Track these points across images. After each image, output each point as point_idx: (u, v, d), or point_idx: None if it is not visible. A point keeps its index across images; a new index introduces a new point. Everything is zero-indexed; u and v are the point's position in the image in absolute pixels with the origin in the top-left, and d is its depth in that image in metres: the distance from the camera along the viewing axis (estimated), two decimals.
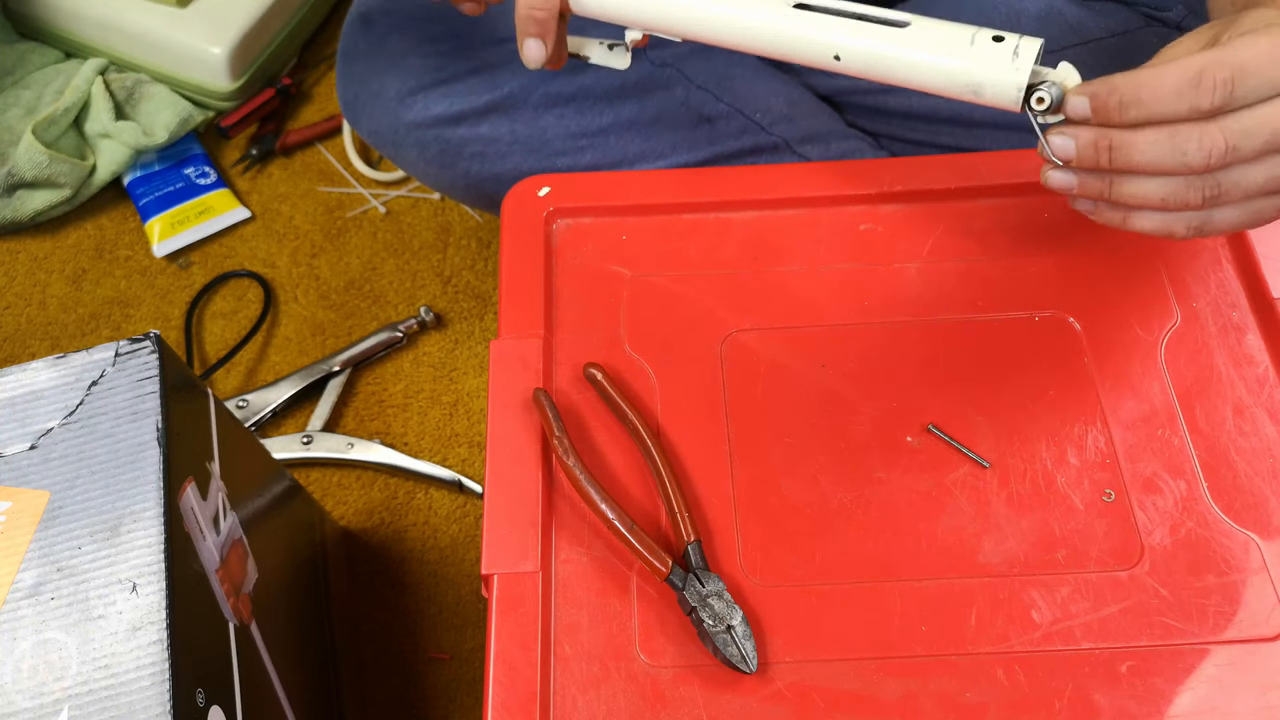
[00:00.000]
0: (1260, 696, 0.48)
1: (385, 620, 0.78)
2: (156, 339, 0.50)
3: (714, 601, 0.50)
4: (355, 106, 0.78)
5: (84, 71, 1.01)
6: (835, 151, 0.76)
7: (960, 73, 0.47)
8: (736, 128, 0.75)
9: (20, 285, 0.97)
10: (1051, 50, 0.75)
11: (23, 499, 0.46)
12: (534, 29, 0.52)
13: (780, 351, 0.59)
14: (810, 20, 0.50)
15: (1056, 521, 0.53)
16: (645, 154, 0.75)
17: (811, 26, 0.50)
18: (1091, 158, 0.46)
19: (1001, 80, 0.46)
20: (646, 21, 0.53)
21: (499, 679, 0.49)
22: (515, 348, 0.59)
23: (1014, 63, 0.46)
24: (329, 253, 0.97)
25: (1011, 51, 0.46)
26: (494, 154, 0.75)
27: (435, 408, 0.88)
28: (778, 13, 0.50)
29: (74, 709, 0.42)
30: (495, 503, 0.54)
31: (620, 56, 0.56)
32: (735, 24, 0.51)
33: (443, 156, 0.76)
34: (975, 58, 0.47)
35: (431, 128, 0.75)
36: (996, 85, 0.46)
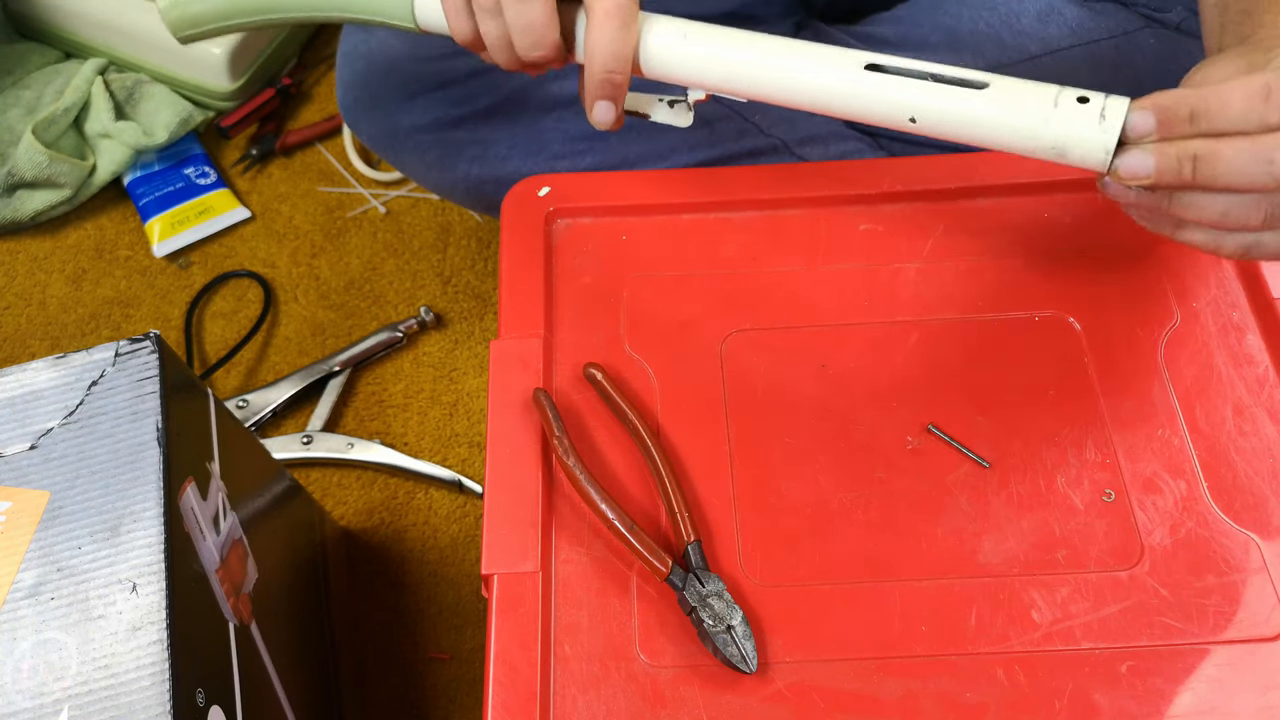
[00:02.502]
0: (1260, 696, 0.48)
1: (385, 620, 0.78)
2: (156, 339, 0.50)
3: (714, 601, 0.50)
4: (355, 110, 0.78)
5: (84, 71, 1.01)
6: (835, 152, 0.76)
7: (1046, 136, 0.45)
8: (735, 130, 0.75)
9: (20, 285, 0.97)
10: (1051, 51, 0.75)
11: (23, 499, 0.46)
12: (609, 92, 0.50)
13: (780, 351, 0.59)
14: (884, 82, 0.48)
15: (1056, 521, 0.53)
16: (644, 156, 0.75)
17: (885, 88, 0.48)
18: (1174, 171, 0.43)
19: (1091, 143, 0.44)
20: (716, 84, 0.51)
21: (499, 679, 0.49)
22: (515, 348, 0.59)
23: (1101, 125, 0.44)
24: (329, 253, 0.97)
25: (1099, 113, 0.44)
26: (493, 157, 0.75)
27: (435, 408, 0.88)
28: (850, 74, 0.48)
29: (74, 709, 0.42)
30: (495, 503, 0.54)
31: (683, 115, 0.55)
32: (806, 86, 0.49)
33: (442, 160, 0.76)
34: (1061, 120, 0.45)
35: (430, 131, 0.75)
36: (1084, 148, 0.45)
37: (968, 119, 0.46)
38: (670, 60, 0.51)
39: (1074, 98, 0.45)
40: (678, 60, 0.51)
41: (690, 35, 0.51)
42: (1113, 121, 0.44)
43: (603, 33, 0.48)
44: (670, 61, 0.51)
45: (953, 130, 0.47)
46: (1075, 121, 0.45)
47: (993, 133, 0.46)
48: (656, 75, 0.52)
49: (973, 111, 0.46)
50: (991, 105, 0.46)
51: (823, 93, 0.49)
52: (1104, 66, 0.73)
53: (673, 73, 0.52)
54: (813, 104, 0.50)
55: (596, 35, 0.48)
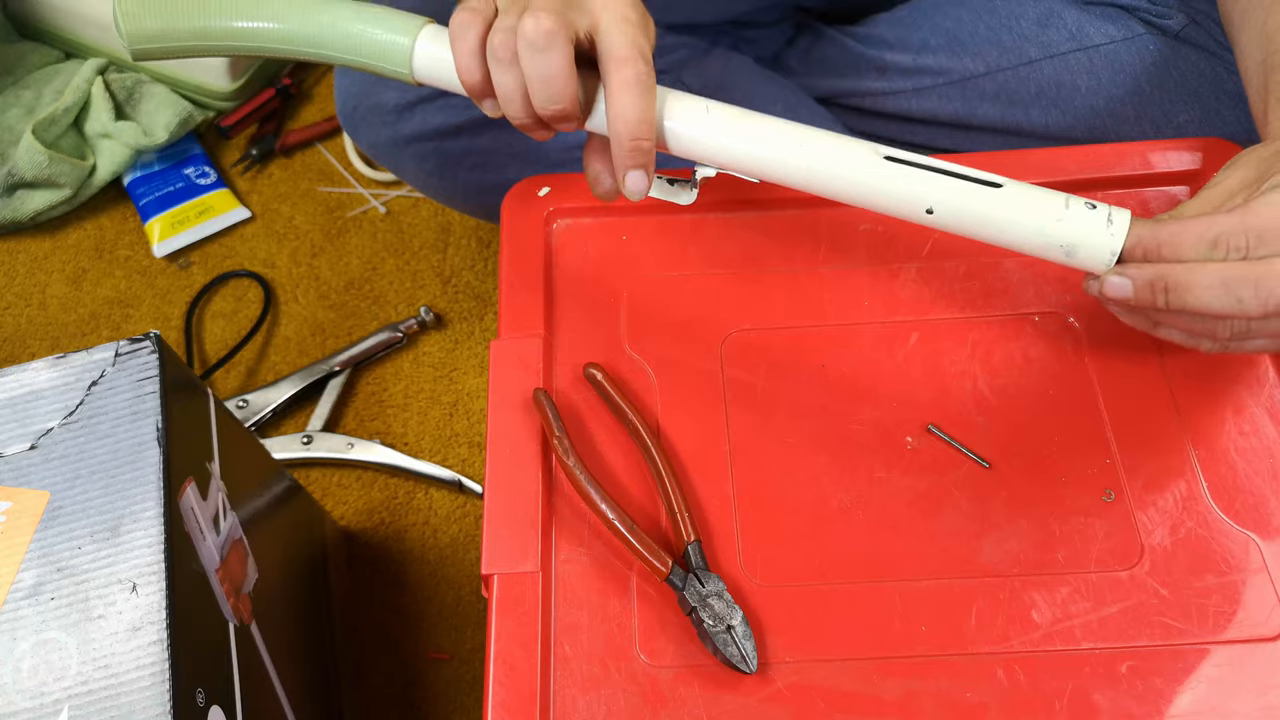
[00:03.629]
0: (1260, 696, 0.48)
1: (385, 620, 0.78)
2: (156, 339, 0.50)
3: (714, 601, 0.50)
4: (354, 119, 0.78)
5: (84, 71, 1.01)
6: None
7: (1055, 237, 0.48)
8: None
9: (20, 285, 0.97)
10: (1050, 55, 0.75)
11: (23, 499, 0.46)
12: (639, 160, 0.49)
13: (780, 351, 0.59)
14: (902, 174, 0.49)
15: (1056, 521, 0.53)
16: None
17: (903, 180, 0.49)
18: (1149, 297, 0.47)
19: (1098, 246, 0.48)
20: (733, 165, 0.51)
21: (499, 679, 0.49)
22: (515, 348, 0.59)
23: (1109, 229, 0.47)
24: (329, 253, 0.97)
25: (1106, 219, 0.47)
26: (493, 165, 0.75)
27: (435, 408, 0.88)
28: (869, 165, 0.49)
29: (74, 709, 0.42)
30: (495, 503, 0.54)
31: (685, 193, 0.54)
32: (824, 174, 0.50)
33: (441, 168, 0.76)
34: (1071, 224, 0.48)
35: (430, 140, 0.75)
36: (1091, 250, 0.48)
37: (982, 218, 0.49)
38: (689, 137, 0.51)
39: (1083, 204, 0.48)
40: (696, 138, 0.51)
41: (712, 112, 0.51)
42: (1119, 227, 0.47)
43: (627, 99, 0.47)
44: (688, 138, 0.51)
45: (968, 226, 0.49)
46: (1084, 226, 0.48)
47: (1006, 231, 0.49)
48: (674, 150, 0.52)
49: (987, 211, 0.48)
50: (1005, 205, 0.48)
51: (842, 183, 0.50)
52: (1103, 71, 0.73)
53: (689, 149, 0.51)
54: (830, 190, 0.50)
55: (621, 102, 0.47)
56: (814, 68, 0.81)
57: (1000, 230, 0.49)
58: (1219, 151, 0.64)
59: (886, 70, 0.78)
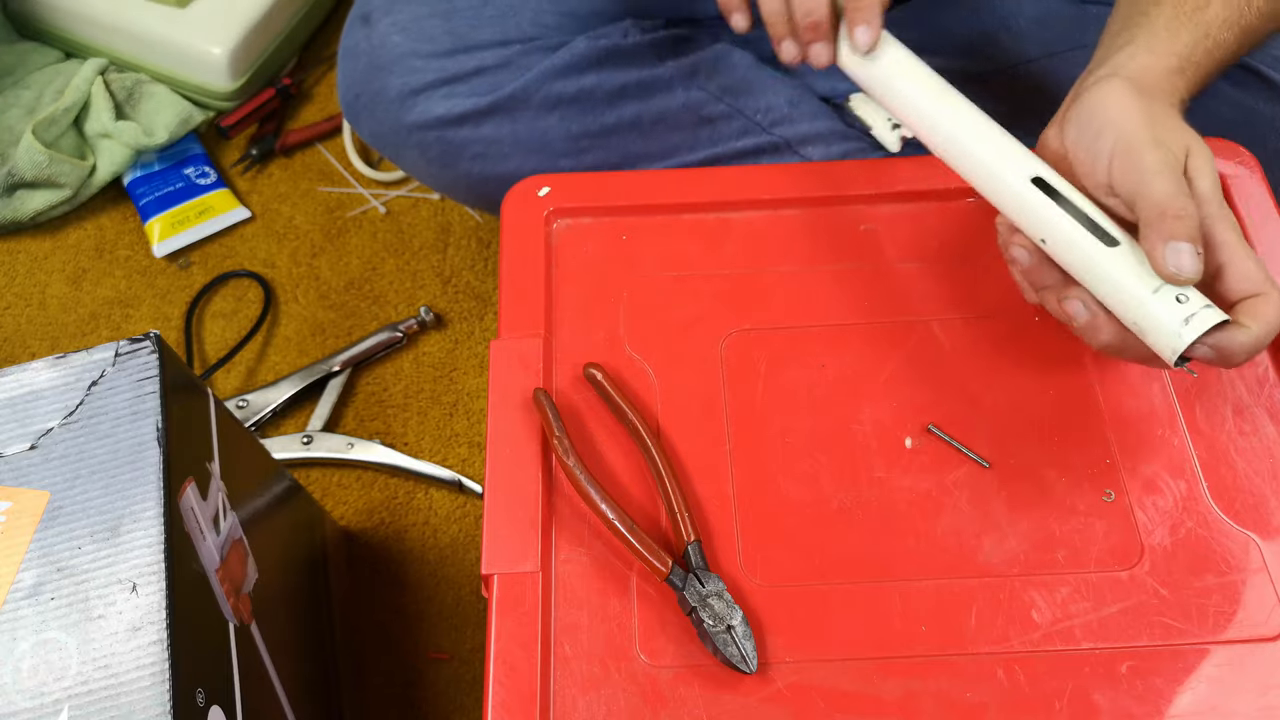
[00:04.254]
0: (1260, 696, 0.48)
1: (385, 620, 0.78)
2: (156, 339, 0.50)
3: (714, 601, 0.50)
4: (356, 107, 0.78)
5: (84, 71, 1.01)
6: (836, 152, 0.76)
7: (1135, 308, 0.48)
8: (738, 128, 0.75)
9: (20, 285, 0.97)
10: (1049, 54, 0.74)
11: (23, 499, 0.46)
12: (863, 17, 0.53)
13: (780, 351, 0.59)
14: (1037, 198, 0.50)
15: (1056, 521, 0.53)
16: (647, 155, 0.75)
17: (1036, 204, 0.50)
18: None
19: (1164, 334, 0.47)
20: (908, 121, 0.55)
21: (499, 679, 0.49)
22: (515, 348, 0.59)
23: (1183, 328, 0.46)
24: (329, 253, 0.97)
25: (1184, 318, 0.46)
26: (495, 155, 0.75)
27: (435, 408, 0.88)
28: (1014, 179, 0.51)
29: (74, 709, 0.42)
30: (495, 503, 0.54)
31: (894, 141, 0.58)
32: (977, 168, 0.53)
33: (444, 157, 0.76)
34: (1154, 303, 0.47)
35: (433, 129, 0.75)
36: (1159, 335, 0.47)
37: (1086, 265, 0.49)
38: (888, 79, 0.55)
39: (1175, 294, 0.47)
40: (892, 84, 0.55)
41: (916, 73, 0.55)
42: (1193, 330, 0.46)
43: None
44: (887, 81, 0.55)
45: (1071, 266, 0.50)
46: (1163, 311, 0.47)
47: (1099, 285, 0.49)
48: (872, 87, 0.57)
49: (1094, 261, 0.49)
50: (1110, 262, 0.48)
51: (987, 181, 0.52)
52: None
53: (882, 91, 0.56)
54: (975, 183, 0.53)
55: None
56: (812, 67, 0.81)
57: (1095, 283, 0.49)
58: (1224, 152, 0.64)
59: None
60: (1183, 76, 0.53)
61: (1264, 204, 0.61)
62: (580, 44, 0.73)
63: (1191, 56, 0.54)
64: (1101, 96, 0.51)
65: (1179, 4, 0.54)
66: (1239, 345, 0.46)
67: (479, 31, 0.75)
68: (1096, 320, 0.50)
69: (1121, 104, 0.50)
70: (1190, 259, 0.46)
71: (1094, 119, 0.50)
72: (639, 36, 0.74)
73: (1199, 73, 0.54)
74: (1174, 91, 0.53)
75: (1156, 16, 0.54)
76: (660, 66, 0.74)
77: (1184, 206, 0.46)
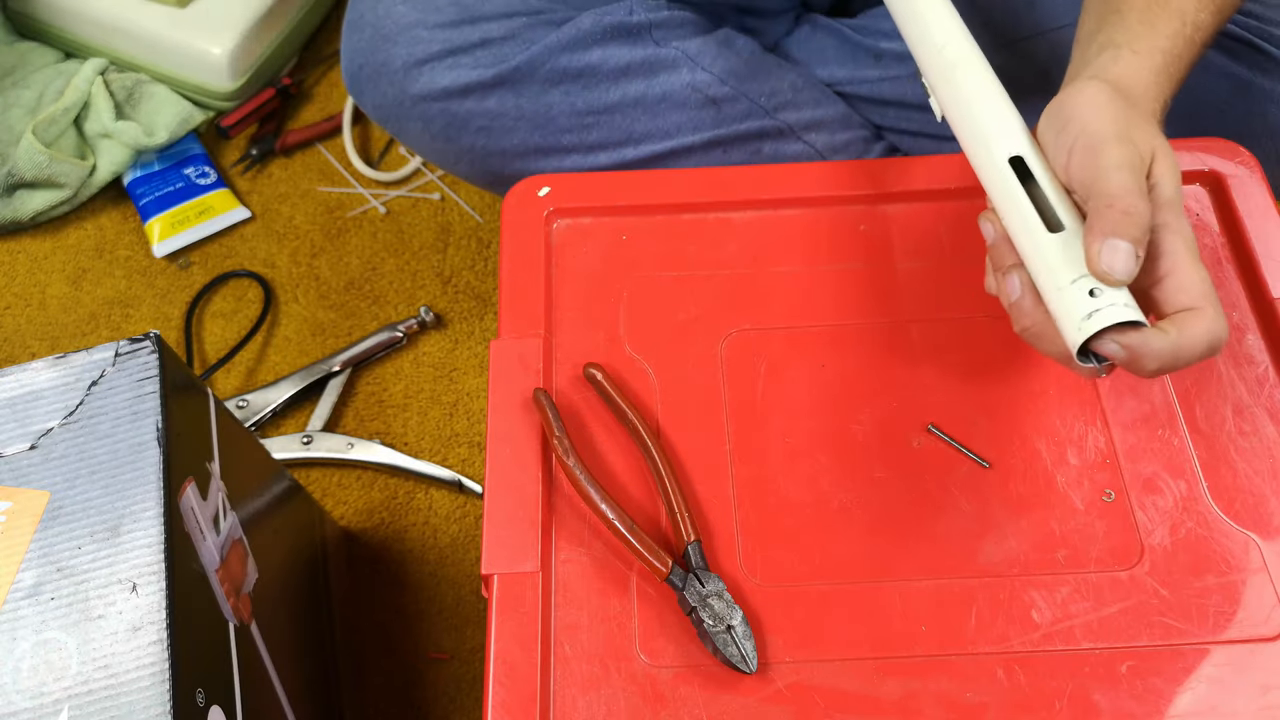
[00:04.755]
0: (1260, 696, 0.48)
1: (385, 620, 0.78)
2: (156, 339, 0.50)
3: (714, 601, 0.50)
4: (360, 79, 0.77)
5: (84, 71, 1.01)
6: (840, 139, 0.76)
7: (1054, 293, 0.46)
8: (742, 111, 0.75)
9: (20, 285, 0.97)
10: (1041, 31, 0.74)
11: (23, 499, 0.46)
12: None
13: (780, 351, 0.59)
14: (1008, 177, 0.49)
15: (1056, 521, 0.53)
16: (651, 133, 0.74)
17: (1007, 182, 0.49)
18: None
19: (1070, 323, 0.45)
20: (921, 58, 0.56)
21: (499, 679, 0.49)
22: (515, 348, 0.59)
23: (1085, 321, 0.44)
24: (329, 253, 0.97)
25: (1090, 310, 0.44)
26: (499, 129, 0.75)
27: (435, 408, 0.88)
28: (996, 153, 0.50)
29: (74, 709, 0.42)
30: (495, 503, 0.54)
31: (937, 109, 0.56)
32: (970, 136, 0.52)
33: (447, 130, 0.75)
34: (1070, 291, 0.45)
35: (437, 100, 0.74)
36: (1067, 324, 0.45)
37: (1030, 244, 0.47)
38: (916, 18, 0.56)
39: (1089, 287, 0.44)
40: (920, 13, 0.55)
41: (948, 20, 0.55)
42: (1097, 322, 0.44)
43: None
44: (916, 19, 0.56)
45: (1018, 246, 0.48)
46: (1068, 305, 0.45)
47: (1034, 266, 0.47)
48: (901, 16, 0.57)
49: (1036, 241, 0.47)
50: (1051, 246, 0.46)
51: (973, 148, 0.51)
52: None
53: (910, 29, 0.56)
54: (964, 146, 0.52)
55: None
56: (814, 56, 0.81)
57: (1031, 266, 0.47)
58: (1223, 152, 0.64)
59: (882, 57, 0.78)
60: (1166, 76, 0.52)
61: (1263, 203, 0.61)
62: (586, 19, 0.73)
63: (1173, 50, 0.52)
64: (1076, 93, 0.49)
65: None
66: (1152, 350, 0.43)
67: (485, 3, 0.75)
68: (1024, 301, 0.47)
69: (1094, 101, 0.48)
70: (1125, 259, 0.43)
71: (1063, 111, 0.49)
72: (644, 14, 0.74)
73: (1181, 65, 0.53)
74: (1158, 96, 0.51)
75: (1129, 11, 0.53)
76: (665, 46, 0.74)
77: (1134, 205, 0.44)
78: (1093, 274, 0.44)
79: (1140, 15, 0.52)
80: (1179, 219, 0.46)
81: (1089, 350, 0.44)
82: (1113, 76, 0.50)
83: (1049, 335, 0.47)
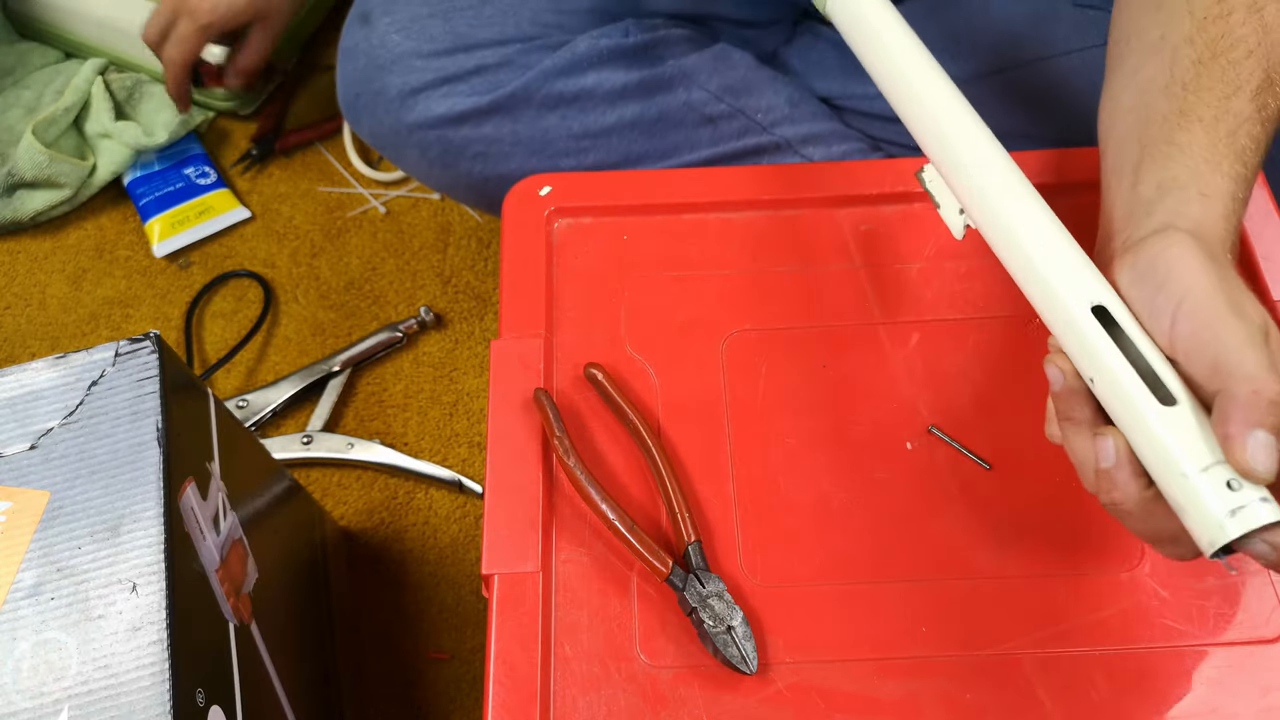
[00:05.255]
0: (1261, 698, 0.48)
1: (385, 620, 0.78)
2: (156, 339, 0.50)
3: (714, 602, 0.50)
4: (356, 107, 0.78)
5: (84, 71, 1.01)
6: (836, 152, 0.76)
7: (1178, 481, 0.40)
8: (739, 128, 0.75)
9: (20, 285, 0.97)
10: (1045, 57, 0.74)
11: (23, 499, 0.46)
12: None
13: (780, 351, 0.59)
14: (1094, 330, 0.43)
15: (1057, 523, 0.53)
16: (648, 154, 0.75)
17: (1092, 337, 0.43)
18: None
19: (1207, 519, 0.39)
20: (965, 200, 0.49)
21: (499, 679, 0.49)
22: (516, 347, 0.59)
23: (1228, 519, 0.38)
24: (329, 253, 0.97)
25: (1233, 508, 0.38)
26: (496, 155, 0.75)
27: (435, 408, 0.88)
28: (1073, 302, 0.44)
29: (74, 709, 0.41)
30: (495, 502, 0.54)
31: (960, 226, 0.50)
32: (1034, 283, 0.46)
33: (444, 157, 0.76)
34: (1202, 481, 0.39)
35: (433, 128, 0.75)
36: (1200, 518, 0.39)
37: (1136, 418, 0.41)
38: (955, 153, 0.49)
39: (1226, 479, 0.39)
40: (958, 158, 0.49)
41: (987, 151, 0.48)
42: (1242, 523, 0.38)
43: None
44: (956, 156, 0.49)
45: (1115, 414, 0.42)
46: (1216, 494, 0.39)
47: (1145, 445, 0.41)
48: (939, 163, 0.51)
49: (1146, 416, 0.41)
50: (1168, 425, 0.40)
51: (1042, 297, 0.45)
52: (1099, 74, 0.73)
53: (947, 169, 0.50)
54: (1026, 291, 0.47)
55: None
56: (813, 69, 0.81)
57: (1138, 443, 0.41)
58: None
59: None
60: (1233, 221, 0.46)
61: (1264, 206, 0.61)
62: (581, 43, 0.73)
63: (1238, 194, 0.46)
64: (1165, 249, 0.43)
65: (1209, 128, 0.46)
66: None
67: (479, 30, 0.75)
68: (1120, 474, 0.42)
69: (1189, 262, 0.42)
70: (1268, 456, 0.38)
71: (1156, 270, 0.43)
72: (639, 36, 0.74)
73: (1242, 209, 0.47)
74: (1232, 246, 0.45)
75: (1190, 147, 0.46)
76: (661, 66, 0.74)
77: (1276, 391, 0.38)
78: (1234, 466, 0.39)
79: (1205, 154, 0.46)
80: None
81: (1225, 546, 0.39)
82: (1189, 225, 0.44)
83: (1157, 516, 0.42)
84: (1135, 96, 0.50)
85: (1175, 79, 0.48)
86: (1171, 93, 0.48)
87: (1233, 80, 0.47)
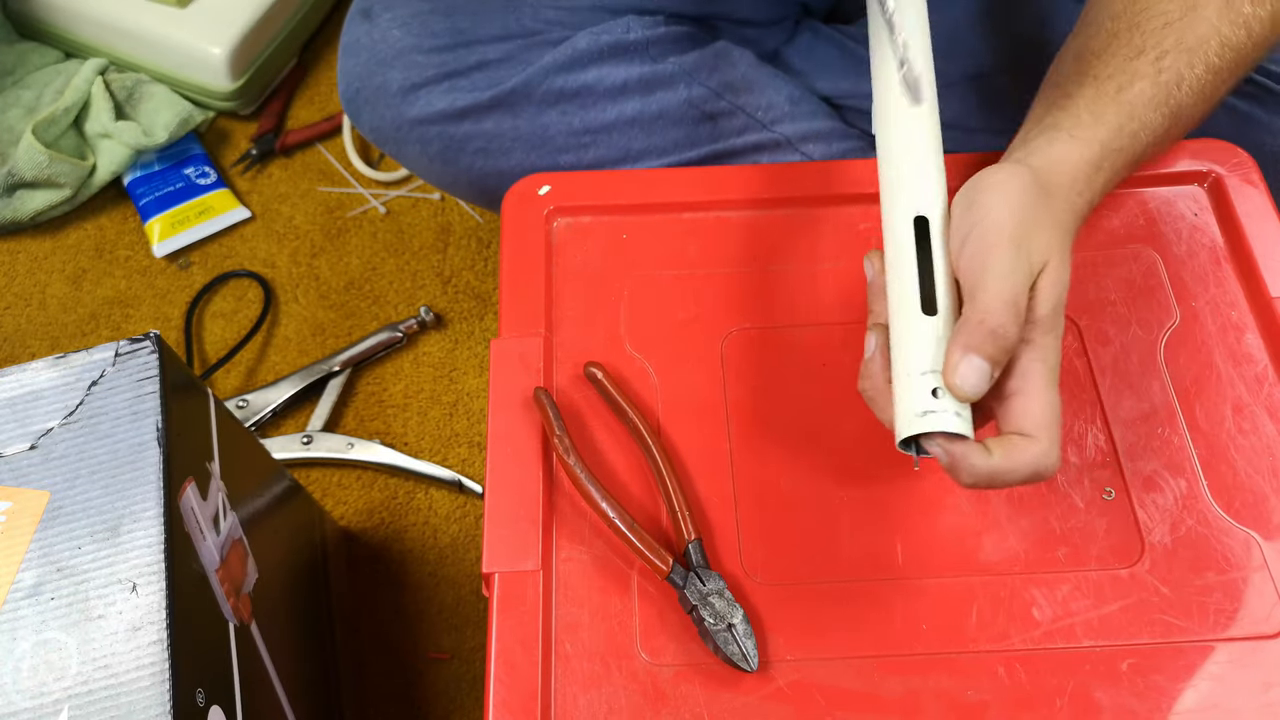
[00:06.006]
0: (1261, 694, 0.48)
1: (385, 620, 0.78)
2: (156, 339, 0.50)
3: (715, 600, 0.50)
4: (356, 102, 0.78)
5: (84, 71, 1.01)
6: (836, 150, 0.76)
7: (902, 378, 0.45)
8: (739, 125, 0.75)
9: (20, 285, 0.97)
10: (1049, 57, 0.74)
11: (23, 499, 0.46)
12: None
13: (780, 351, 0.59)
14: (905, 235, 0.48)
15: (1057, 519, 0.53)
16: (648, 151, 0.75)
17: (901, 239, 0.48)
18: None
19: (903, 415, 0.45)
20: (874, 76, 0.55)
21: (500, 677, 0.49)
22: (516, 347, 0.59)
23: (916, 418, 0.44)
24: (329, 253, 0.97)
25: (924, 410, 0.44)
26: (497, 150, 0.75)
27: (435, 408, 0.88)
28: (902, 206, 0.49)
29: (74, 709, 0.41)
30: (496, 501, 0.54)
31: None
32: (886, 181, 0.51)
33: (445, 153, 0.76)
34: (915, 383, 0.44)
35: (434, 124, 0.75)
36: (901, 413, 0.45)
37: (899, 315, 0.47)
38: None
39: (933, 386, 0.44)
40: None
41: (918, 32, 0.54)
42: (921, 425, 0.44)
43: None
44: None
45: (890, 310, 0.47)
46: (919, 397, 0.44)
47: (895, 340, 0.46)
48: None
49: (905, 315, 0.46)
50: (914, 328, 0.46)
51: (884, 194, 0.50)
52: None
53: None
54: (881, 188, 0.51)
55: None
56: (815, 68, 0.81)
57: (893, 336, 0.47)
58: (1221, 153, 0.64)
59: None
60: (1100, 171, 0.50)
61: (1262, 204, 0.61)
62: (582, 39, 0.73)
63: (1113, 143, 0.51)
64: (993, 174, 0.48)
65: (1101, 83, 0.52)
66: (971, 466, 0.43)
67: (480, 26, 0.75)
68: (873, 364, 0.47)
69: (1006, 188, 0.47)
70: (978, 378, 0.43)
71: (975, 190, 0.47)
72: (640, 32, 0.74)
73: (1122, 159, 0.51)
74: (1086, 188, 0.50)
75: (1079, 97, 0.52)
76: (662, 63, 0.74)
77: (1004, 325, 0.43)
78: (944, 381, 0.43)
79: (1088, 104, 0.51)
80: (1046, 337, 0.45)
81: (913, 440, 0.45)
82: (1041, 163, 0.49)
83: (881, 405, 0.47)
84: (1059, 65, 0.57)
85: (1089, 48, 0.54)
86: (1082, 58, 0.54)
87: (1138, 46, 0.52)
